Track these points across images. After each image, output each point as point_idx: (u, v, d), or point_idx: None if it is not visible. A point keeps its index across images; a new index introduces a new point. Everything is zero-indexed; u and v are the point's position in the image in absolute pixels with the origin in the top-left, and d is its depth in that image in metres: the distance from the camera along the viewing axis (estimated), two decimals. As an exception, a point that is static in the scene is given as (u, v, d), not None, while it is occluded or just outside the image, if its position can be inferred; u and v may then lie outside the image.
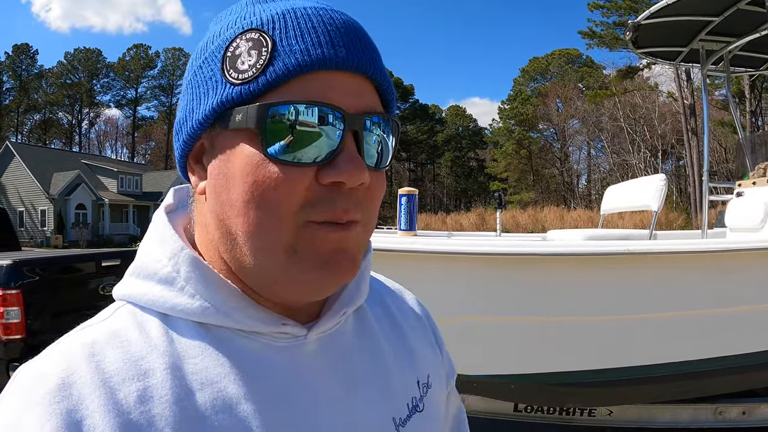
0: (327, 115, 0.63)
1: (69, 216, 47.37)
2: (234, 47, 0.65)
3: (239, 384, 0.65)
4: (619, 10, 43.30)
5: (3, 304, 5.06)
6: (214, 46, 0.67)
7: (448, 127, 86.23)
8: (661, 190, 4.67)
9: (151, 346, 0.65)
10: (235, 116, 0.64)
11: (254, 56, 0.63)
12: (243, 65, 0.63)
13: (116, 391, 0.59)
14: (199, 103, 0.67)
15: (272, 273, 0.66)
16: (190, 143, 0.69)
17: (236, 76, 0.64)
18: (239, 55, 0.64)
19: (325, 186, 0.64)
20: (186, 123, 0.68)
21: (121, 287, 0.72)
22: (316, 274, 0.65)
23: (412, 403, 0.81)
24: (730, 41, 5.59)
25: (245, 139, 0.64)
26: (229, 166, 0.65)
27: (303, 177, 0.63)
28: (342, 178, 0.63)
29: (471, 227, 36.11)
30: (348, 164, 0.63)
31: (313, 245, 0.64)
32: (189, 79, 0.70)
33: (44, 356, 0.63)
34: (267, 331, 0.69)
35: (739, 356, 3.96)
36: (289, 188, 0.63)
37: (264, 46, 0.63)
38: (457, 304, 3.77)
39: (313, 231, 0.64)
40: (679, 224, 32.14)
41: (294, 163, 0.63)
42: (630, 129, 54.98)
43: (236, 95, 0.63)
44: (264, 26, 0.65)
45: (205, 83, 0.66)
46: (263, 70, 0.62)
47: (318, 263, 0.65)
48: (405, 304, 0.98)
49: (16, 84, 75.86)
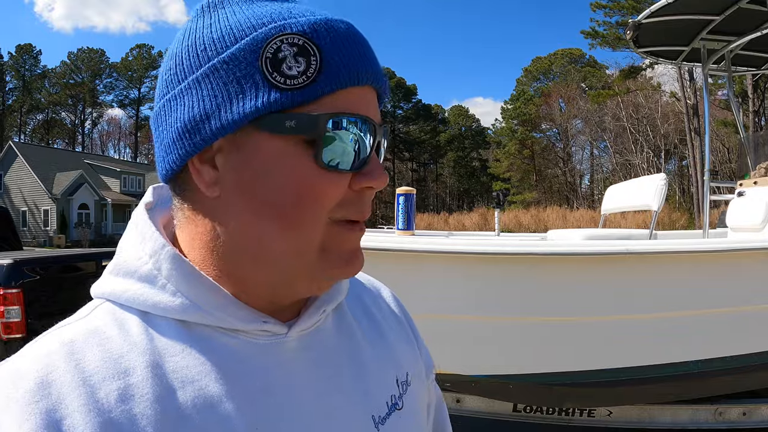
0: (366, 126, 0.68)
1: (72, 216, 47.52)
2: (274, 49, 0.63)
3: (220, 382, 0.65)
4: (622, 9, 43.21)
5: (3, 303, 5.07)
6: (243, 43, 0.64)
7: (451, 127, 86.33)
8: (661, 190, 4.66)
9: (131, 344, 0.64)
10: (284, 121, 0.63)
11: (303, 63, 0.63)
12: (291, 71, 0.63)
13: (96, 390, 0.59)
14: (230, 102, 0.64)
15: (300, 270, 0.68)
16: (209, 143, 0.66)
17: (283, 81, 0.63)
18: (283, 59, 0.63)
19: (355, 191, 0.68)
20: (208, 122, 0.64)
21: (100, 285, 0.71)
22: (341, 271, 0.70)
23: (391, 401, 0.81)
24: (731, 40, 5.57)
25: (293, 144, 0.64)
26: (270, 169, 0.65)
27: (342, 182, 0.67)
28: (374, 184, 0.69)
29: (473, 227, 36.14)
30: (378, 171, 0.69)
31: (339, 244, 0.69)
32: (204, 73, 0.65)
33: (22, 355, 0.63)
34: (248, 329, 0.69)
35: (739, 357, 3.95)
36: (331, 193, 0.66)
37: (312, 54, 0.63)
38: (455, 303, 3.77)
39: (338, 230, 0.68)
40: (682, 224, 32.14)
41: (338, 170, 0.66)
42: (633, 129, 54.95)
43: (285, 100, 0.63)
44: (309, 34, 0.64)
45: (237, 81, 0.63)
46: (314, 79, 0.63)
47: (343, 261, 0.70)
48: (383, 301, 0.98)
49: (19, 84, 76.04)
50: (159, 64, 1.00)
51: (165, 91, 0.69)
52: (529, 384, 3.93)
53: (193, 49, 0.66)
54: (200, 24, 0.68)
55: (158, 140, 0.71)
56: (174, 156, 0.68)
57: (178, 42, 0.69)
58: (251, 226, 0.66)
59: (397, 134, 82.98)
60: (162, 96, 0.69)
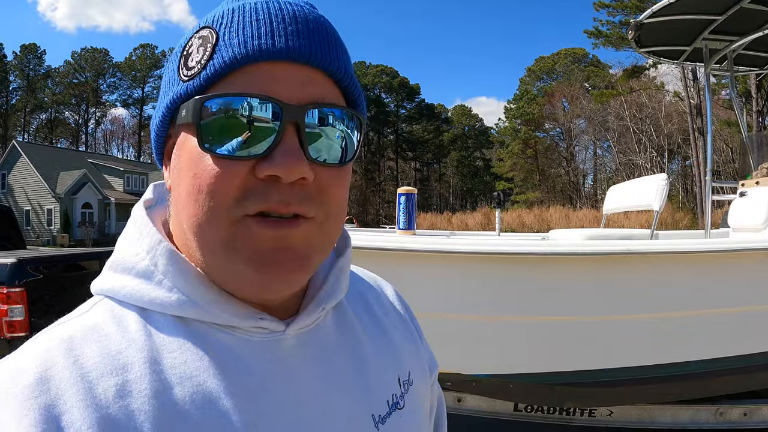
0: (263, 106, 0.63)
1: (75, 215, 47.54)
2: (189, 46, 0.67)
3: (218, 378, 0.65)
4: (625, 9, 43.06)
5: (7, 302, 5.06)
6: (176, 48, 0.69)
7: (454, 126, 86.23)
8: (662, 190, 4.65)
9: (129, 341, 0.65)
10: (181, 112, 0.65)
11: (201, 52, 0.64)
12: (191, 62, 0.65)
13: (95, 386, 0.60)
14: (162, 102, 0.69)
15: (216, 268, 0.67)
16: (158, 140, 0.72)
17: (185, 73, 0.65)
18: (191, 53, 0.66)
19: (262, 180, 0.63)
20: (153, 120, 0.72)
21: (99, 281, 0.72)
22: (256, 271, 0.64)
23: (392, 401, 0.81)
24: (734, 40, 5.55)
25: (189, 134, 0.65)
26: (179, 160, 0.67)
27: (239, 170, 0.63)
28: (277, 171, 0.62)
29: (476, 227, 36.08)
30: (284, 157, 0.62)
31: (250, 241, 0.64)
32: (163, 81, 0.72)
33: (21, 351, 0.63)
34: (244, 326, 0.69)
35: (740, 357, 3.94)
36: (224, 182, 0.62)
37: (209, 41, 0.64)
38: (456, 303, 3.76)
39: (249, 226, 0.63)
40: (685, 224, 32.04)
41: (229, 157, 0.62)
42: (636, 128, 54.75)
43: (183, 91, 0.65)
44: (214, 23, 0.66)
45: (166, 83, 0.69)
46: (205, 65, 0.63)
47: (256, 260, 0.64)
48: (385, 299, 0.97)
49: (23, 83, 76.02)
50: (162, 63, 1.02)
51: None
52: (529, 383, 3.92)
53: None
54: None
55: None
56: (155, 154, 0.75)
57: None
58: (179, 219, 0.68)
59: (400, 134, 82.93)
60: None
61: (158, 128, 0.71)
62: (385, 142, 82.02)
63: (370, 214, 71.24)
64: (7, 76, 74.01)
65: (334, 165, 0.68)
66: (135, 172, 54.29)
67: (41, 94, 77.09)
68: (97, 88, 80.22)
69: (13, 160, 50.65)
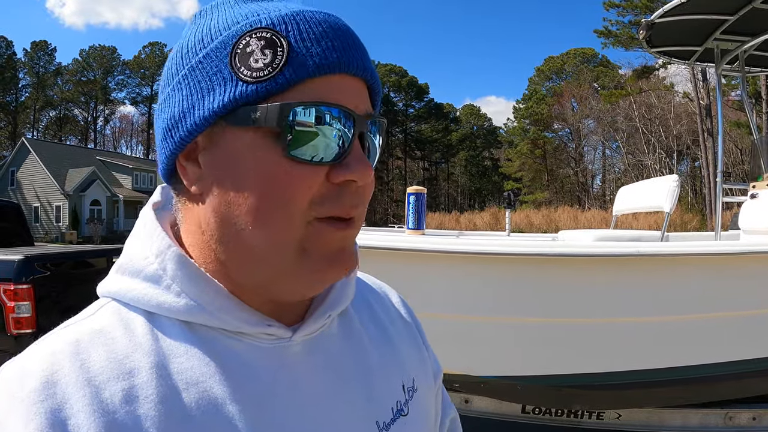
0: (342, 116, 0.65)
1: (84, 212, 47.80)
2: (243, 44, 0.64)
3: (224, 384, 0.65)
4: (635, 9, 43.00)
5: (14, 298, 5.10)
6: (217, 42, 0.66)
7: (463, 126, 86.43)
8: (673, 191, 4.63)
9: (136, 345, 0.64)
10: (250, 114, 0.63)
11: (269, 55, 0.63)
12: (257, 63, 0.63)
13: (101, 390, 0.59)
14: (202, 100, 0.65)
15: (281, 269, 0.67)
16: (187, 141, 0.68)
17: (249, 74, 0.63)
18: (251, 53, 0.63)
19: (335, 184, 0.66)
20: (184, 120, 0.66)
21: (106, 284, 0.72)
22: (324, 271, 0.67)
23: (396, 407, 0.81)
24: (745, 40, 5.51)
25: (261, 137, 0.64)
26: (240, 163, 0.65)
27: (316, 175, 0.64)
28: (354, 176, 0.66)
29: (485, 227, 36.12)
30: (359, 164, 0.66)
31: (321, 243, 0.66)
32: (184, 74, 0.67)
33: (27, 354, 0.63)
34: (252, 332, 0.69)
35: (751, 361, 3.92)
36: (303, 186, 0.64)
37: (279, 46, 0.63)
38: (465, 303, 3.76)
39: (320, 228, 0.66)
40: (694, 226, 31.96)
41: (310, 162, 0.64)
42: (645, 129, 54.71)
43: (251, 93, 0.63)
44: (276, 26, 0.65)
45: (209, 79, 0.65)
46: (281, 69, 0.63)
47: (326, 261, 0.67)
48: (390, 306, 0.97)
49: (32, 81, 76.47)
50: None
51: (160, 95, 0.73)
52: (537, 385, 3.92)
53: (180, 54, 0.69)
54: (189, 31, 0.71)
55: (156, 141, 0.73)
56: (163, 155, 0.71)
57: (172, 51, 0.72)
58: (228, 224, 0.67)
59: (408, 133, 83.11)
60: (158, 101, 0.73)
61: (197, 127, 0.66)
62: (393, 141, 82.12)
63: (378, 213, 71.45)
64: (16, 73, 74.48)
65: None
66: (144, 170, 54.48)
67: (50, 92, 77.61)
68: (106, 86, 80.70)
69: (23, 156, 50.97)
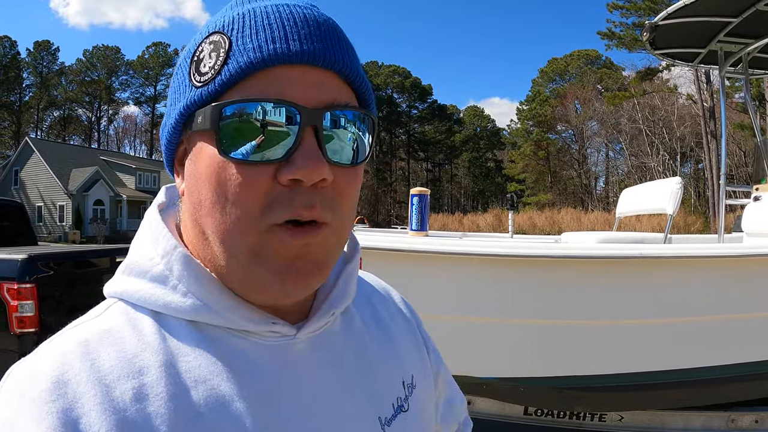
0: (281, 110, 0.63)
1: (87, 212, 47.90)
2: (200, 51, 0.67)
3: (231, 382, 0.66)
4: (639, 10, 42.96)
5: (17, 297, 5.09)
6: (185, 53, 0.69)
7: (466, 127, 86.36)
8: (676, 194, 4.62)
9: (144, 344, 0.65)
10: (197, 118, 0.65)
11: (213, 58, 0.64)
12: (204, 68, 0.65)
13: (112, 389, 0.60)
14: (173, 108, 0.69)
15: (236, 274, 0.67)
16: (170, 146, 0.71)
17: (198, 79, 0.65)
18: (202, 59, 0.66)
19: (285, 186, 0.63)
20: (165, 127, 0.71)
21: (113, 284, 0.73)
22: (279, 278, 0.65)
23: (397, 403, 0.82)
24: (749, 43, 5.50)
25: (207, 141, 0.65)
26: (197, 167, 0.66)
27: (262, 177, 0.63)
28: (298, 174, 0.62)
29: (488, 228, 36.10)
30: (305, 160, 0.62)
31: (275, 249, 0.64)
32: (171, 86, 0.72)
33: (37, 355, 0.64)
34: (257, 330, 0.70)
35: (753, 363, 3.91)
36: (248, 189, 0.62)
37: (222, 47, 0.64)
38: (467, 304, 3.76)
39: (277, 235, 0.64)
40: (697, 228, 31.91)
41: (250, 162, 0.62)
42: (649, 131, 54.64)
43: (198, 98, 0.65)
44: (225, 28, 0.66)
45: (177, 89, 0.69)
46: (219, 70, 0.63)
47: (280, 268, 0.65)
48: (392, 305, 0.98)
49: (36, 80, 76.58)
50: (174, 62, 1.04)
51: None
52: (539, 387, 3.91)
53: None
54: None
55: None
56: (165, 159, 0.74)
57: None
58: (198, 225, 0.68)
59: (412, 134, 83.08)
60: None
61: (170, 135, 0.70)
62: (396, 142, 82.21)
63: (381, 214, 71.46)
64: (20, 73, 74.60)
65: (348, 166, 0.68)
66: (147, 170, 54.59)
67: (54, 92, 77.72)
68: (110, 86, 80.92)
69: (26, 156, 51.05)
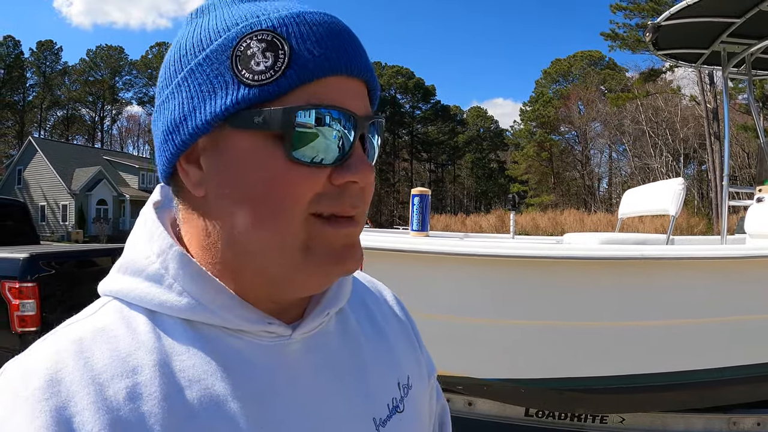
0: (343, 118, 0.66)
1: (90, 211, 48.01)
2: (244, 47, 0.64)
3: (226, 382, 0.66)
4: (642, 11, 42.89)
5: (19, 296, 5.12)
6: (216, 44, 0.66)
7: (469, 128, 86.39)
8: (679, 195, 4.61)
9: (138, 343, 0.65)
10: (253, 117, 0.64)
11: (270, 58, 0.64)
12: (258, 66, 0.64)
13: (105, 388, 0.60)
14: (203, 103, 0.66)
15: (288, 268, 0.68)
16: (189, 144, 0.68)
17: (251, 77, 0.64)
18: (252, 56, 0.64)
19: (336, 185, 0.67)
20: (186, 123, 0.67)
21: (108, 283, 0.72)
22: (329, 269, 0.69)
23: (392, 404, 0.82)
24: (752, 43, 5.49)
25: (263, 140, 0.65)
26: (243, 165, 0.66)
27: (319, 178, 0.66)
28: (356, 178, 0.67)
29: (490, 229, 36.17)
30: (361, 165, 0.67)
31: (325, 242, 0.67)
32: (183, 77, 0.68)
33: (31, 353, 0.64)
34: (253, 330, 0.70)
35: (755, 366, 3.90)
36: (304, 188, 0.65)
37: (281, 48, 0.64)
38: (469, 305, 3.76)
39: (322, 226, 0.67)
40: (700, 229, 31.91)
41: (311, 164, 0.65)
42: (652, 132, 54.64)
43: (254, 96, 0.63)
44: (277, 29, 0.65)
45: (210, 82, 0.65)
46: (283, 72, 0.63)
47: (332, 259, 0.68)
48: (385, 305, 0.98)
49: (39, 80, 76.75)
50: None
51: (158, 97, 0.73)
52: (540, 389, 3.91)
53: (177, 55, 0.70)
54: (186, 31, 0.71)
55: (155, 143, 0.73)
56: (164, 158, 0.71)
57: (169, 51, 0.73)
58: (231, 225, 0.67)
59: (415, 135, 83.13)
60: (157, 102, 0.73)
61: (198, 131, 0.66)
62: (399, 143, 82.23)
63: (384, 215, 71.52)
64: (24, 72, 74.76)
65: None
66: (150, 170, 54.55)
67: (58, 91, 77.90)
68: (113, 86, 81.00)
69: (30, 155, 51.20)
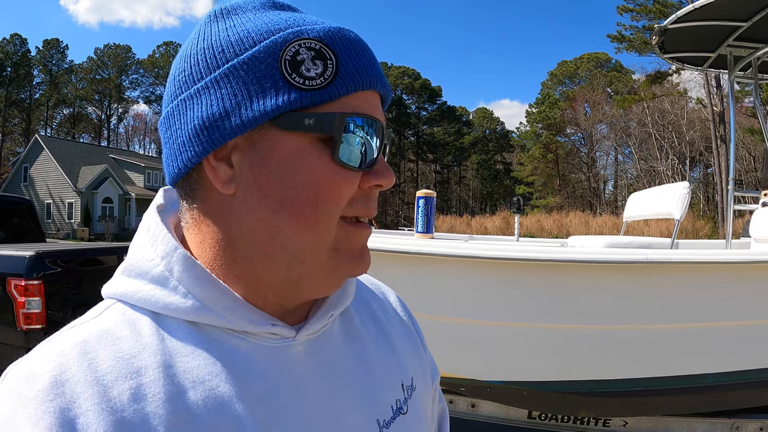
0: (376, 127, 0.71)
1: (96, 209, 48.10)
2: (293, 52, 0.66)
3: (230, 383, 0.66)
4: (649, 13, 42.79)
5: (25, 294, 5.12)
6: (263, 45, 0.66)
7: (475, 129, 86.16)
8: (683, 199, 4.60)
9: (142, 344, 0.65)
10: (303, 120, 0.66)
11: (320, 66, 0.66)
12: (309, 72, 0.66)
13: (109, 389, 0.60)
14: (249, 101, 0.66)
15: (313, 268, 0.70)
16: (226, 140, 0.67)
17: (302, 81, 0.66)
18: (302, 62, 0.66)
19: (364, 189, 0.71)
20: (227, 119, 0.66)
21: (112, 285, 0.72)
22: (350, 269, 0.73)
23: (396, 406, 0.83)
24: (759, 47, 5.47)
25: (309, 142, 0.67)
26: (287, 165, 0.67)
27: (355, 181, 0.69)
28: (383, 182, 0.73)
29: (496, 230, 36.09)
30: (386, 171, 0.73)
31: (350, 243, 0.72)
32: (224, 73, 0.66)
33: (35, 354, 0.64)
34: (257, 332, 0.70)
35: (759, 371, 3.89)
36: (345, 191, 0.69)
37: (329, 58, 0.67)
38: (473, 307, 3.75)
39: (348, 228, 0.71)
40: (705, 233, 31.77)
41: (352, 168, 0.69)
42: (658, 135, 54.42)
43: (305, 100, 0.65)
44: (324, 40, 0.68)
45: (257, 81, 0.66)
46: (332, 81, 0.66)
47: (353, 259, 0.72)
48: (389, 306, 0.99)
49: (46, 78, 76.88)
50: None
51: (179, 91, 0.70)
52: (544, 391, 3.90)
53: (210, 51, 0.68)
54: (216, 28, 0.70)
55: (170, 140, 0.71)
56: (189, 154, 0.69)
57: (193, 44, 0.71)
58: (266, 224, 0.68)
59: (421, 136, 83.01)
60: (175, 96, 0.71)
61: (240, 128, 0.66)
62: (405, 143, 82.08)
63: (389, 216, 71.41)
64: (30, 70, 74.88)
65: None
66: (156, 168, 54.61)
67: (64, 89, 77.98)
68: (120, 85, 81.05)
69: (36, 153, 51.31)
